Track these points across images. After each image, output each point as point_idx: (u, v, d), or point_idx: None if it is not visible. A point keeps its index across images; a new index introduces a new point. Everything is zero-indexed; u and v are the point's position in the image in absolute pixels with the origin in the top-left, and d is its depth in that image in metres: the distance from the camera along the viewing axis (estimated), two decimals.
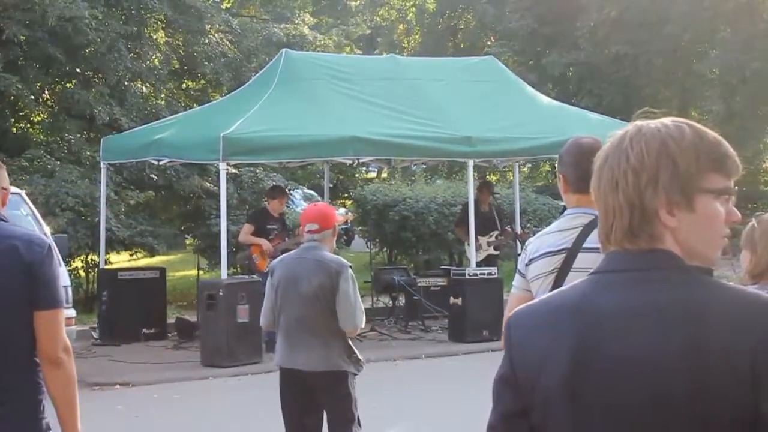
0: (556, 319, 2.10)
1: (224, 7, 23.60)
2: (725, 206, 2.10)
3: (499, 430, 2.15)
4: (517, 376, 2.11)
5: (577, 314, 2.08)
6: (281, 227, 14.22)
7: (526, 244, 4.36)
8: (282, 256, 6.78)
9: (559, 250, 4.09)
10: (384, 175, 30.45)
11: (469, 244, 15.29)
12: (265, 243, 13.80)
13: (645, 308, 2.02)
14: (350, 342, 6.33)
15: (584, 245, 4.04)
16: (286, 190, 16.72)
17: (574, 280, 3.90)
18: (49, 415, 3.76)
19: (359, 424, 6.32)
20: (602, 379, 2.01)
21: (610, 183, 2.10)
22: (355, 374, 6.32)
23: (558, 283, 4.03)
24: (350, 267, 6.33)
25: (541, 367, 2.07)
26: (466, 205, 16.32)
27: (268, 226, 14.00)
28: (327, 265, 6.24)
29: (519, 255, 4.54)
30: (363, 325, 6.45)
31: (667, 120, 2.15)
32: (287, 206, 22.79)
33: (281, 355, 6.38)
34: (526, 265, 4.21)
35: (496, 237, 15.72)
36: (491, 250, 15.62)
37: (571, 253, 4.05)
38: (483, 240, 15.39)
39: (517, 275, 4.31)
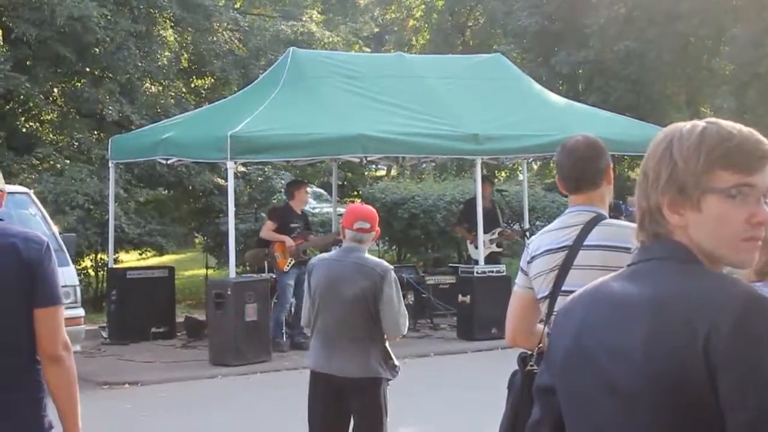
0: (576, 304, 2.22)
1: (236, 7, 23.60)
2: (749, 206, 2.06)
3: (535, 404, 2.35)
4: (549, 354, 2.27)
5: (587, 301, 2.18)
6: (303, 225, 14.15)
7: (528, 242, 4.37)
8: (321, 255, 6.57)
9: (560, 248, 4.11)
10: (393, 173, 30.45)
11: (471, 242, 15.31)
12: (288, 240, 13.74)
13: (627, 298, 2.09)
14: (388, 347, 6.14)
15: (585, 243, 4.06)
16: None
17: (575, 277, 3.96)
18: (51, 414, 3.76)
19: None
20: (586, 362, 2.11)
21: (637, 182, 2.18)
22: (390, 380, 6.15)
23: (559, 280, 4.05)
24: (392, 270, 6.18)
25: (555, 346, 2.23)
26: (467, 203, 16.36)
27: (291, 225, 13.93)
28: (370, 268, 6.09)
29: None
30: (406, 331, 6.26)
31: (698, 121, 2.16)
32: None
33: (316, 358, 6.18)
34: (528, 262, 4.23)
35: (498, 234, 15.68)
36: (493, 248, 15.55)
37: (572, 251, 4.06)
38: (485, 238, 15.37)
39: (519, 273, 4.33)
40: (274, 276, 13.92)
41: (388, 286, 6.04)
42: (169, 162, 15.17)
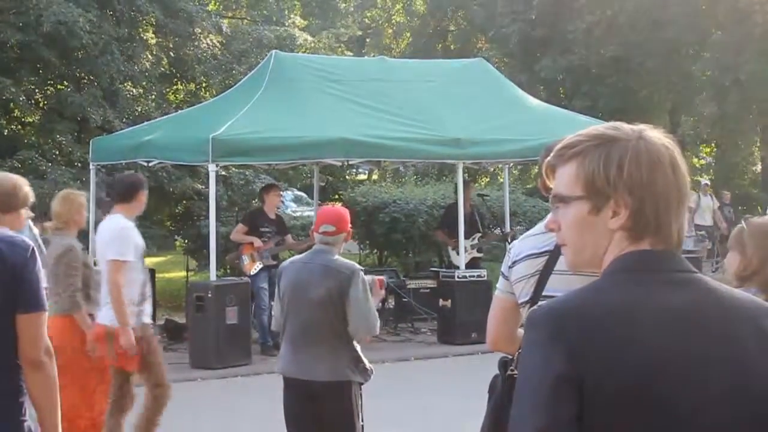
0: (619, 318, 2.01)
1: (210, 9, 23.56)
2: None
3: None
4: (581, 376, 1.96)
5: (648, 313, 2.02)
6: (276, 230, 14.12)
7: (510, 247, 4.38)
8: (291, 258, 6.51)
9: (541, 253, 4.11)
10: (375, 177, 30.46)
11: (453, 248, 15.34)
12: (256, 241, 13.76)
13: (711, 308, 2.07)
14: (359, 350, 6.08)
15: None
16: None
17: (556, 282, 3.97)
18: (31, 418, 3.76)
19: None
20: (690, 380, 1.99)
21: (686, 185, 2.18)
22: (362, 384, 6.09)
23: (540, 285, 4.05)
24: (362, 271, 6.09)
25: (607, 367, 1.96)
26: (447, 209, 16.40)
27: (262, 229, 13.93)
28: (337, 270, 6.01)
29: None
30: (377, 333, 6.22)
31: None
32: (277, 207, 22.78)
33: (285, 363, 6.14)
34: (510, 267, 4.22)
35: (478, 239, 15.71)
36: (474, 253, 15.58)
37: (553, 256, 4.06)
38: (466, 243, 15.38)
39: (501, 278, 4.31)
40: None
41: (355, 286, 5.96)
42: (150, 164, 15.14)
